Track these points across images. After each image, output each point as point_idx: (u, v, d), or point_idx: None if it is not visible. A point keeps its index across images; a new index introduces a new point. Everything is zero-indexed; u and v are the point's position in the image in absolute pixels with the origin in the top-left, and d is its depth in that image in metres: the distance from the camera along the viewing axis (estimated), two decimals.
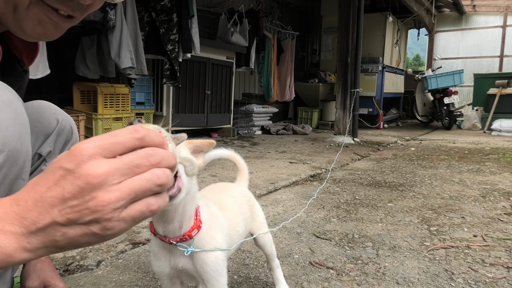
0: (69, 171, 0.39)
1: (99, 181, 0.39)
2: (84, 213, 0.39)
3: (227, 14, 5.71)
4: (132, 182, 0.40)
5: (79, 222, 0.39)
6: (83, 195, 0.39)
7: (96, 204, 0.39)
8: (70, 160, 0.39)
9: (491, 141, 5.80)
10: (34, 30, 0.67)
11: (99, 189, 0.39)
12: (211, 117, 5.46)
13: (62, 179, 0.39)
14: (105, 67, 4.07)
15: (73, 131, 1.00)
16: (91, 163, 0.39)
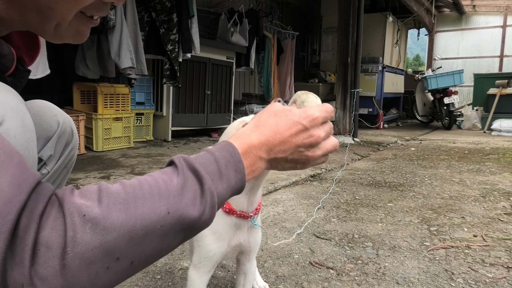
0: (307, 129, 0.64)
1: (318, 142, 0.66)
2: (303, 157, 0.66)
3: (227, 14, 5.71)
4: (327, 144, 0.68)
5: (296, 162, 0.66)
6: (307, 147, 0.65)
7: (311, 155, 0.66)
8: (309, 121, 0.64)
9: (491, 141, 5.80)
10: (74, 39, 0.70)
11: (316, 147, 0.66)
12: (211, 117, 5.46)
13: (301, 132, 0.64)
14: (105, 67, 4.07)
15: (74, 133, 0.99)
16: (318, 129, 0.66)
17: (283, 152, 0.64)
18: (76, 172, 2.99)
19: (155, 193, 0.51)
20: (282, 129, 0.64)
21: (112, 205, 0.48)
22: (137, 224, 0.48)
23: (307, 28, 9.39)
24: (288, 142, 0.63)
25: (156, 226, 0.50)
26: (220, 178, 0.57)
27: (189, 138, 5.32)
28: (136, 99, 4.71)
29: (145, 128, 4.84)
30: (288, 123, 0.64)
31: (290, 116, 0.65)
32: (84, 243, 0.45)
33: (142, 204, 0.50)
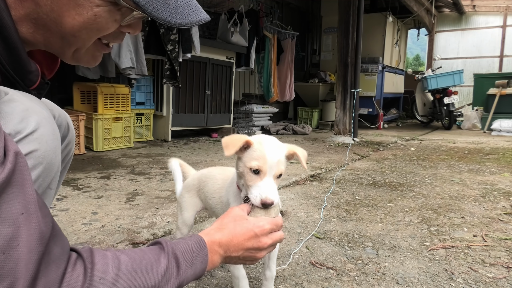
0: (257, 236, 0.83)
1: (264, 248, 0.84)
2: (251, 258, 0.84)
3: (227, 14, 5.71)
4: (268, 248, 0.86)
5: (245, 260, 0.83)
6: (255, 251, 0.83)
7: (257, 257, 0.84)
8: (259, 231, 0.84)
9: (491, 141, 5.80)
10: (88, 63, 0.78)
11: (262, 250, 0.84)
12: (211, 117, 5.46)
13: (252, 238, 0.82)
14: (105, 67, 4.07)
15: (70, 127, 1.00)
16: (266, 237, 0.85)
17: (236, 252, 0.81)
18: (76, 172, 2.99)
19: (149, 269, 0.65)
20: (239, 233, 0.81)
21: (121, 274, 0.61)
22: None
23: (307, 28, 9.38)
24: (241, 245, 0.81)
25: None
26: (191, 266, 0.72)
27: (189, 138, 5.32)
28: (136, 99, 4.71)
29: (145, 128, 4.84)
30: (243, 229, 0.82)
31: (245, 224, 0.83)
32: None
33: (140, 277, 0.63)
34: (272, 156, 0.95)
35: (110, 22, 0.70)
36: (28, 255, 0.50)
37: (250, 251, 0.82)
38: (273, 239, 0.86)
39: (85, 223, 1.92)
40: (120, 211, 2.12)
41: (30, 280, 0.50)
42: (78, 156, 3.66)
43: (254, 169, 0.94)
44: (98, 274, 0.59)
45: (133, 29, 0.75)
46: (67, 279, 0.56)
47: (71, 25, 0.67)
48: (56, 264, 0.55)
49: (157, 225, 1.94)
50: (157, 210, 2.15)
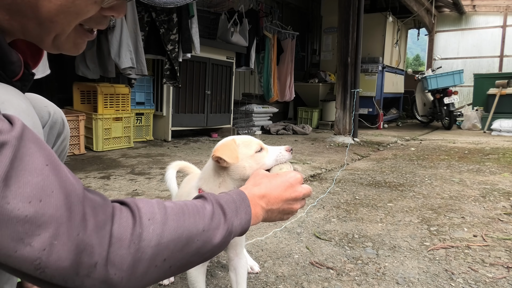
0: (293, 186, 0.83)
1: (300, 197, 0.84)
2: (289, 210, 0.83)
3: (227, 14, 5.71)
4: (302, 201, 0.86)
5: (284, 213, 0.83)
6: (293, 202, 0.83)
7: (294, 209, 0.84)
8: (294, 180, 0.84)
9: (491, 141, 5.80)
10: (70, 51, 0.73)
11: (297, 201, 0.84)
12: (211, 117, 5.46)
13: (288, 189, 0.82)
14: (105, 67, 4.07)
15: (65, 123, 1.00)
16: (299, 187, 0.85)
17: (276, 204, 0.80)
18: (76, 172, 2.99)
19: (196, 212, 0.64)
20: (275, 185, 0.82)
21: (169, 215, 0.61)
22: (184, 233, 0.61)
23: (307, 28, 9.38)
24: (280, 196, 0.81)
25: (194, 239, 0.62)
26: (236, 215, 0.70)
27: (189, 138, 5.32)
28: (136, 99, 4.71)
29: (145, 128, 4.84)
30: (278, 182, 0.83)
31: (278, 177, 0.84)
32: (147, 239, 0.56)
33: (188, 219, 0.62)
34: (255, 139, 1.06)
35: (90, 4, 0.65)
36: (66, 200, 0.50)
37: (288, 202, 0.82)
38: (305, 188, 0.86)
39: None
40: None
41: (78, 222, 0.50)
42: (78, 156, 3.66)
43: (257, 150, 1.01)
44: (146, 215, 0.58)
45: (116, 12, 0.70)
46: (117, 220, 0.55)
47: (47, 9, 0.63)
48: (102, 208, 0.55)
49: None
50: None
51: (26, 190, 0.47)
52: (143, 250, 0.56)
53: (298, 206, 0.85)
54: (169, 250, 0.59)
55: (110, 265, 0.53)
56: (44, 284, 0.50)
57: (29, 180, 0.48)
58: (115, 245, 0.53)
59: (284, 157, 1.01)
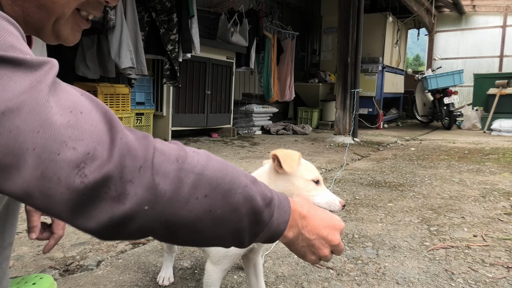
0: (336, 229, 0.74)
1: (335, 244, 0.73)
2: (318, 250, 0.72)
3: (227, 14, 5.71)
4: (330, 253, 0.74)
5: (311, 250, 0.72)
6: (325, 244, 0.73)
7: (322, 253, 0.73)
8: (340, 224, 0.75)
9: (491, 141, 5.80)
10: (67, 38, 0.74)
11: (329, 247, 0.73)
12: (211, 117, 5.46)
13: (330, 228, 0.73)
14: (105, 67, 4.07)
15: None
16: (338, 235, 0.74)
17: (310, 234, 0.71)
18: None
19: (239, 170, 0.62)
20: (319, 216, 0.73)
21: (213, 157, 0.60)
22: (227, 176, 0.58)
23: (307, 28, 9.38)
24: (318, 229, 0.72)
25: (236, 189, 0.58)
26: (278, 207, 0.65)
27: (189, 138, 5.32)
28: (136, 99, 4.71)
29: (145, 128, 4.84)
30: (323, 215, 0.75)
31: (324, 212, 0.76)
32: (191, 164, 0.55)
33: (232, 169, 0.60)
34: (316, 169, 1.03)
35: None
36: (105, 118, 0.51)
37: (321, 241, 0.72)
38: (341, 243, 0.76)
39: None
40: None
41: (119, 131, 0.51)
42: None
43: (315, 180, 0.98)
44: (191, 149, 0.58)
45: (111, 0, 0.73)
46: (160, 142, 0.56)
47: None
48: (143, 136, 0.54)
49: None
50: None
51: (67, 104, 0.48)
52: (186, 172, 0.54)
53: (327, 253, 0.74)
54: (212, 187, 0.56)
55: (155, 172, 0.51)
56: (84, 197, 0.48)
57: (69, 98, 0.49)
58: (158, 157, 0.53)
59: (335, 207, 0.95)
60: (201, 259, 1.59)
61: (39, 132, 0.45)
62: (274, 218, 0.63)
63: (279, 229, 0.65)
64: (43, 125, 0.45)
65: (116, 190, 0.48)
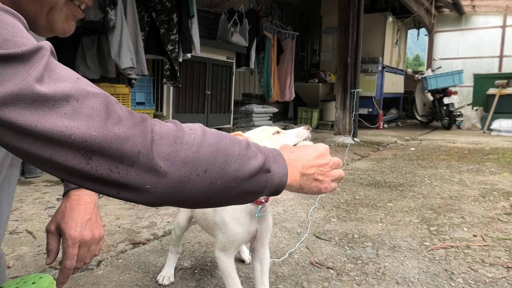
0: (324, 154, 0.81)
1: (330, 164, 0.81)
2: (323, 174, 0.80)
3: (227, 14, 5.71)
4: (337, 172, 0.83)
5: (318, 178, 0.79)
6: (324, 167, 0.80)
7: (328, 176, 0.80)
8: (324, 149, 0.83)
9: (490, 141, 5.80)
10: (62, 28, 0.74)
11: (329, 167, 0.81)
12: (211, 117, 5.46)
13: (320, 157, 0.80)
14: (105, 67, 4.07)
15: None
16: (329, 156, 0.82)
17: (310, 169, 0.78)
18: None
19: (232, 138, 0.67)
20: (306, 153, 0.81)
21: (208, 131, 0.64)
22: (221, 149, 0.62)
23: (307, 28, 9.38)
24: (312, 162, 0.79)
25: (231, 159, 0.63)
26: (274, 161, 0.70)
27: None
28: (136, 99, 4.70)
29: None
30: (309, 150, 0.82)
31: (308, 148, 0.84)
32: (188, 143, 0.59)
33: (225, 140, 0.65)
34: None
35: None
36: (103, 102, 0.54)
37: (321, 168, 0.80)
38: (335, 159, 0.84)
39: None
40: (120, 211, 2.12)
41: (116, 118, 0.54)
42: None
43: (275, 132, 1.06)
44: (188, 126, 0.63)
45: None
46: (158, 123, 0.59)
47: None
48: (141, 120, 0.57)
49: (157, 225, 1.94)
50: (157, 210, 2.15)
51: (63, 89, 0.52)
52: (185, 152, 0.58)
53: (334, 173, 0.82)
54: (210, 162, 0.60)
55: (154, 155, 0.55)
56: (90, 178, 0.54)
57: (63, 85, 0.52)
58: (157, 141, 0.56)
59: (304, 134, 1.03)
60: (201, 259, 1.59)
61: (37, 126, 0.49)
62: (273, 173, 0.69)
63: (282, 181, 0.71)
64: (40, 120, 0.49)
65: (118, 173, 0.54)
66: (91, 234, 0.90)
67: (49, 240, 0.91)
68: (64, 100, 0.51)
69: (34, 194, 2.38)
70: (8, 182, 0.83)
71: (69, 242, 0.87)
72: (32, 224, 1.88)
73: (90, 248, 0.91)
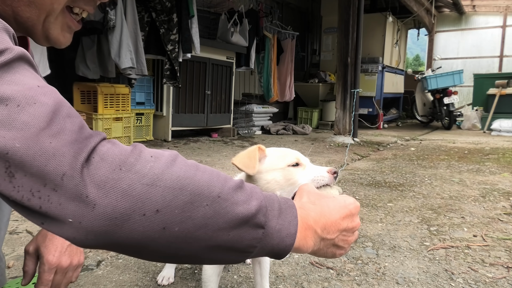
0: (352, 214, 0.65)
1: (356, 228, 0.66)
2: (344, 243, 0.65)
3: (227, 14, 5.71)
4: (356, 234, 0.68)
5: (338, 246, 0.65)
6: (349, 234, 0.65)
7: (350, 241, 0.66)
8: (354, 207, 0.66)
9: (491, 141, 5.80)
10: (57, 38, 0.71)
11: (354, 233, 0.67)
12: (211, 117, 5.46)
13: (347, 217, 0.64)
14: (105, 67, 4.07)
15: None
16: (357, 220, 0.67)
17: (332, 233, 0.63)
18: None
19: (215, 174, 0.53)
20: (333, 210, 0.64)
21: (178, 162, 0.51)
22: (189, 187, 0.49)
23: (307, 28, 9.38)
24: (338, 224, 0.63)
25: (202, 201, 0.49)
26: (279, 216, 0.56)
27: (189, 138, 5.32)
28: (136, 99, 4.71)
29: (145, 128, 4.85)
30: (337, 206, 0.65)
31: (336, 201, 0.66)
32: (139, 173, 0.47)
33: (201, 174, 0.51)
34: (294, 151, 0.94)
35: None
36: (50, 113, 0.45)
37: (344, 233, 0.64)
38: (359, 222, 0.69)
39: None
40: None
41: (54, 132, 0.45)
42: None
43: (293, 164, 0.89)
44: (151, 153, 0.50)
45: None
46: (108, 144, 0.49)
47: None
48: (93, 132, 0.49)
49: None
50: None
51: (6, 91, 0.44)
52: (130, 182, 0.46)
53: (353, 239, 0.67)
54: (166, 200, 0.47)
55: (83, 180, 0.44)
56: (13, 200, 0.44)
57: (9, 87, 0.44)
58: (95, 164, 0.45)
59: (324, 180, 0.86)
60: None
61: None
62: (269, 231, 0.54)
63: (284, 244, 0.56)
64: None
65: (39, 197, 0.44)
66: (69, 261, 0.87)
67: (26, 261, 0.88)
68: (2, 103, 0.43)
69: None
70: None
71: (45, 267, 0.85)
72: (32, 224, 1.88)
73: (67, 275, 0.87)
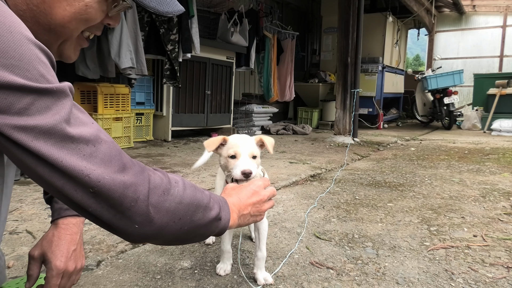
0: (256, 193, 1.01)
1: (265, 199, 1.02)
2: (258, 211, 1.00)
3: (227, 14, 5.71)
4: (269, 202, 1.05)
5: (254, 215, 0.99)
6: (260, 204, 1.00)
7: (263, 209, 1.02)
8: (258, 187, 1.02)
9: (491, 141, 5.80)
10: (69, 57, 0.79)
11: (264, 202, 1.02)
12: (211, 117, 5.46)
13: (254, 195, 1.00)
14: (105, 67, 4.07)
15: None
16: (263, 191, 1.03)
17: (246, 209, 0.97)
18: None
19: (202, 191, 0.83)
20: (242, 195, 0.99)
21: (187, 185, 0.79)
22: (195, 202, 0.78)
23: (307, 28, 9.38)
24: (247, 202, 0.97)
25: (199, 210, 0.79)
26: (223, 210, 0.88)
27: (189, 138, 5.32)
28: (136, 99, 4.71)
29: (145, 128, 4.84)
30: (244, 191, 1.00)
31: (243, 188, 1.01)
32: (173, 195, 0.73)
33: (198, 193, 0.80)
34: (242, 142, 1.22)
35: (99, 12, 0.72)
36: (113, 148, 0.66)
37: (255, 205, 0.98)
38: (269, 191, 1.04)
39: (86, 222, 1.91)
40: None
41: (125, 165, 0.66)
42: None
43: (230, 155, 1.21)
44: (173, 179, 0.76)
45: (113, 21, 0.78)
46: (153, 173, 0.72)
47: (61, 16, 0.68)
48: (138, 163, 0.70)
49: None
50: None
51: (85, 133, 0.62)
52: (170, 203, 0.72)
53: (266, 206, 1.02)
54: (185, 211, 0.75)
55: (149, 203, 0.68)
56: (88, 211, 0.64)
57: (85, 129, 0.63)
58: (152, 190, 0.69)
59: (238, 175, 1.17)
60: (201, 259, 1.59)
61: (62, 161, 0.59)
62: (222, 221, 0.86)
63: (226, 226, 0.87)
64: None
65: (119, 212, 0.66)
66: (75, 265, 0.92)
67: (31, 266, 0.91)
68: (85, 143, 0.61)
69: (34, 194, 2.38)
70: (5, 182, 0.83)
71: (53, 272, 0.89)
72: (32, 224, 1.88)
73: (71, 278, 0.93)
